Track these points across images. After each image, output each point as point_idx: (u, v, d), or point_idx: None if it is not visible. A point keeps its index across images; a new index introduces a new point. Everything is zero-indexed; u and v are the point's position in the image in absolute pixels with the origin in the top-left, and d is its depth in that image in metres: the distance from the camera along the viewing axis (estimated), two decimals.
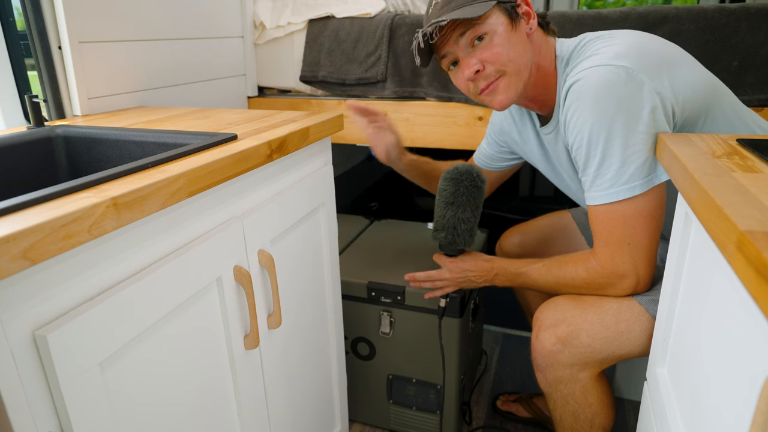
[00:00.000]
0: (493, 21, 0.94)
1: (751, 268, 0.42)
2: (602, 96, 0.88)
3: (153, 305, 0.67)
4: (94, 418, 0.59)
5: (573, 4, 3.18)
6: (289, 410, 1.06)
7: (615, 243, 0.93)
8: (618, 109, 0.87)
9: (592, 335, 0.97)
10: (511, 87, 0.97)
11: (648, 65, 0.89)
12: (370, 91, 1.65)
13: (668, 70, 0.90)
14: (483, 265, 1.13)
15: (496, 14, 0.94)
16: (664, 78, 0.89)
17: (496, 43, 0.94)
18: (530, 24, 0.98)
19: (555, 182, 1.21)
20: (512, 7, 0.96)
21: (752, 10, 1.28)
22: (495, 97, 0.99)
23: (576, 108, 0.91)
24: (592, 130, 0.89)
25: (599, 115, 0.88)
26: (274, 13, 1.73)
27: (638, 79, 0.87)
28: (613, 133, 0.88)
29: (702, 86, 0.94)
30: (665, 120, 0.89)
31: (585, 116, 0.90)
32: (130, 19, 1.29)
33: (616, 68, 0.87)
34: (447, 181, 1.09)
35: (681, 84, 0.91)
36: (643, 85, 0.87)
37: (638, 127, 0.87)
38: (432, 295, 1.20)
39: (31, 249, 0.49)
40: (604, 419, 1.07)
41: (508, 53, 0.95)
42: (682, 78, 0.91)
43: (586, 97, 0.90)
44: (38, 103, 1.02)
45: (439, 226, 1.11)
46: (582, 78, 0.91)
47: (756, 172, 0.61)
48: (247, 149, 0.82)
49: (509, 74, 0.97)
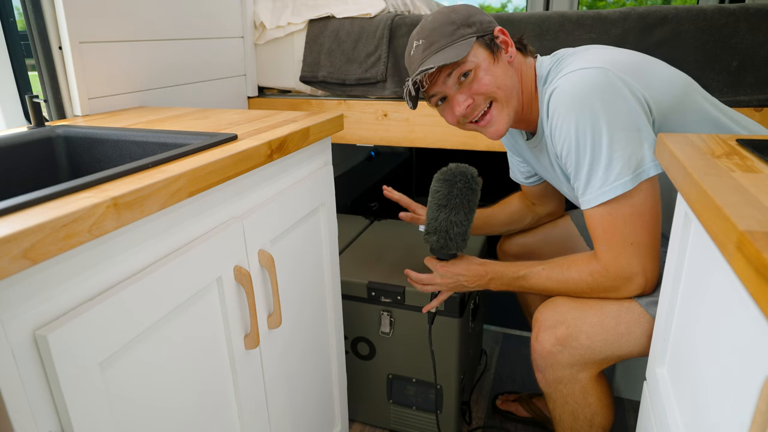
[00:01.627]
0: (476, 57, 0.98)
1: (751, 268, 0.42)
2: (581, 96, 0.89)
3: (153, 305, 0.67)
4: (95, 417, 0.59)
5: (573, 4, 3.18)
6: (290, 410, 1.06)
7: (617, 245, 0.93)
8: (598, 106, 0.88)
9: (592, 337, 0.97)
10: (503, 113, 1.00)
11: (621, 66, 0.91)
12: (370, 92, 1.65)
13: (641, 69, 0.93)
14: (476, 269, 1.08)
15: (476, 50, 0.98)
16: (637, 75, 0.92)
17: (482, 75, 0.98)
18: (509, 52, 1.02)
19: (556, 188, 1.21)
20: (491, 40, 0.99)
21: (752, 11, 1.28)
22: (489, 128, 1.02)
23: (558, 114, 0.93)
24: (578, 131, 0.90)
25: (581, 115, 0.89)
26: (274, 13, 1.73)
27: (613, 77, 0.89)
28: (598, 130, 0.89)
29: (676, 82, 0.96)
30: (644, 114, 0.90)
31: (568, 120, 0.91)
32: (131, 19, 1.29)
33: (591, 69, 0.90)
34: (440, 182, 1.04)
35: (654, 81, 0.93)
36: (619, 82, 0.89)
37: (619, 123, 0.88)
38: (429, 308, 1.17)
39: (32, 249, 0.49)
40: (603, 419, 1.07)
41: (495, 82, 0.98)
42: (654, 76, 0.94)
43: (566, 101, 0.91)
44: (39, 103, 1.02)
45: (430, 229, 1.05)
46: (559, 85, 0.93)
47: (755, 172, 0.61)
48: (247, 149, 0.82)
49: (500, 100, 0.99)
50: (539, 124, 1.05)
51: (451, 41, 0.96)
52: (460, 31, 0.97)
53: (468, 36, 0.97)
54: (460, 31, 0.97)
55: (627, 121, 0.88)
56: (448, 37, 0.97)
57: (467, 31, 0.97)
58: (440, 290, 1.14)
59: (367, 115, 1.66)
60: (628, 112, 0.88)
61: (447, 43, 0.96)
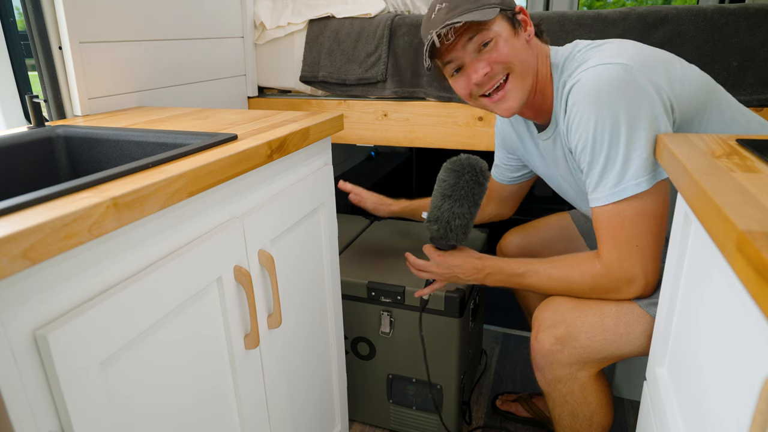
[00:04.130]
0: (498, 27, 0.97)
1: (751, 268, 0.42)
2: (603, 93, 0.88)
3: (153, 305, 0.67)
4: (95, 417, 0.59)
5: (573, 4, 3.18)
6: (290, 410, 1.06)
7: (623, 246, 0.92)
8: (619, 104, 0.87)
9: (591, 337, 0.97)
10: (518, 89, 0.99)
11: (644, 63, 0.90)
12: (370, 92, 1.65)
13: (664, 68, 0.92)
14: (473, 263, 1.07)
15: (500, 21, 0.97)
16: (661, 75, 0.90)
17: (502, 45, 0.96)
18: (528, 31, 1.01)
19: (554, 187, 1.21)
20: (513, 14, 0.99)
21: (752, 10, 1.28)
22: (503, 104, 1.00)
23: (578, 109, 0.91)
24: (597, 128, 0.89)
25: (601, 112, 0.88)
26: (274, 13, 1.73)
27: (637, 75, 0.88)
28: (617, 128, 0.88)
29: (698, 84, 0.94)
30: (665, 115, 0.89)
31: (588, 115, 0.90)
32: (131, 19, 1.29)
33: (614, 66, 0.88)
34: (448, 172, 1.03)
35: (677, 81, 0.91)
36: (643, 81, 0.87)
37: (640, 123, 0.87)
38: (421, 294, 1.18)
39: (32, 249, 0.49)
40: (602, 418, 1.07)
41: (515, 53, 0.97)
42: (678, 76, 0.92)
43: (588, 96, 0.90)
44: (39, 103, 1.02)
45: (432, 217, 1.04)
46: (581, 79, 0.91)
47: (755, 172, 0.61)
48: (247, 149, 0.82)
49: (516, 74, 0.98)
50: (553, 117, 1.03)
51: (475, 6, 0.95)
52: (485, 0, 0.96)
53: (493, 5, 0.96)
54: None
55: (647, 120, 0.87)
56: (472, 2, 0.95)
57: (492, 1, 0.96)
58: (435, 279, 1.14)
59: (367, 115, 1.66)
60: (650, 112, 0.87)
61: (472, 8, 0.95)
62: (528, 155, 1.21)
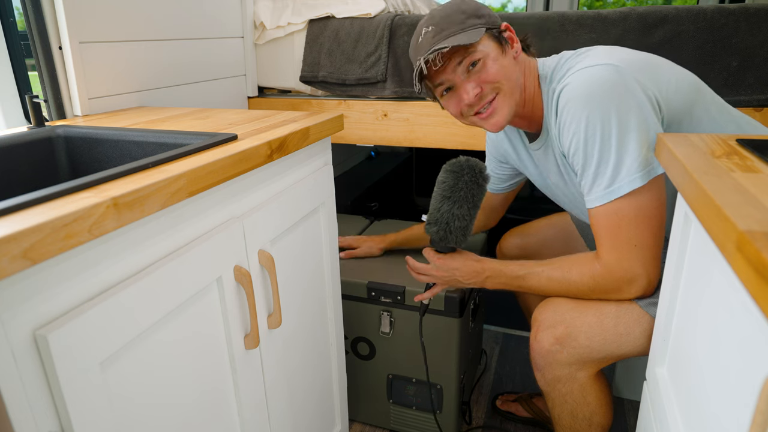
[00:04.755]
0: (485, 47, 0.98)
1: (751, 268, 0.42)
2: (593, 92, 0.89)
3: (153, 305, 0.67)
4: (95, 417, 0.59)
5: (573, 4, 3.18)
6: (290, 410, 1.06)
7: (622, 246, 0.92)
8: (609, 104, 0.88)
9: (591, 337, 0.97)
10: (506, 106, 1.00)
11: (632, 64, 0.91)
12: (370, 92, 1.65)
13: (652, 69, 0.93)
14: (472, 265, 1.07)
15: (486, 40, 0.98)
16: (649, 75, 0.91)
17: (491, 65, 0.98)
18: (515, 48, 1.02)
19: (548, 195, 1.21)
20: (499, 32, 1.00)
21: (752, 10, 1.28)
22: (491, 119, 1.01)
23: (569, 110, 0.92)
24: (588, 128, 0.90)
25: (592, 113, 0.89)
26: (274, 13, 1.73)
27: (626, 75, 0.89)
28: (608, 128, 0.88)
29: (685, 85, 0.95)
30: (654, 114, 0.90)
31: (579, 116, 0.91)
32: (131, 19, 1.29)
33: (604, 66, 0.90)
34: (447, 173, 1.03)
35: (664, 82, 0.93)
36: (631, 80, 0.89)
37: (631, 122, 0.88)
38: (421, 298, 1.18)
39: (32, 249, 0.49)
40: (602, 418, 1.07)
41: (503, 72, 0.99)
42: (664, 76, 0.94)
43: (578, 98, 0.91)
44: (39, 103, 1.02)
45: (432, 219, 1.04)
46: (571, 82, 0.93)
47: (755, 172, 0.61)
48: (247, 149, 0.82)
49: (504, 92, 0.99)
50: (544, 125, 1.04)
51: (461, 29, 0.96)
52: (471, 21, 0.97)
53: (478, 26, 0.97)
54: (470, 20, 0.97)
55: (638, 119, 0.87)
56: (458, 24, 0.97)
57: (477, 21, 0.97)
58: (435, 282, 1.14)
59: (367, 115, 1.66)
60: (639, 111, 0.88)
61: (458, 30, 0.96)
62: (521, 163, 1.22)
